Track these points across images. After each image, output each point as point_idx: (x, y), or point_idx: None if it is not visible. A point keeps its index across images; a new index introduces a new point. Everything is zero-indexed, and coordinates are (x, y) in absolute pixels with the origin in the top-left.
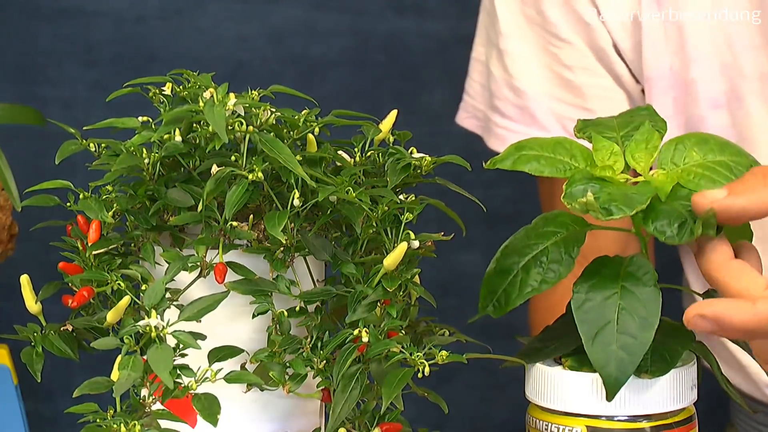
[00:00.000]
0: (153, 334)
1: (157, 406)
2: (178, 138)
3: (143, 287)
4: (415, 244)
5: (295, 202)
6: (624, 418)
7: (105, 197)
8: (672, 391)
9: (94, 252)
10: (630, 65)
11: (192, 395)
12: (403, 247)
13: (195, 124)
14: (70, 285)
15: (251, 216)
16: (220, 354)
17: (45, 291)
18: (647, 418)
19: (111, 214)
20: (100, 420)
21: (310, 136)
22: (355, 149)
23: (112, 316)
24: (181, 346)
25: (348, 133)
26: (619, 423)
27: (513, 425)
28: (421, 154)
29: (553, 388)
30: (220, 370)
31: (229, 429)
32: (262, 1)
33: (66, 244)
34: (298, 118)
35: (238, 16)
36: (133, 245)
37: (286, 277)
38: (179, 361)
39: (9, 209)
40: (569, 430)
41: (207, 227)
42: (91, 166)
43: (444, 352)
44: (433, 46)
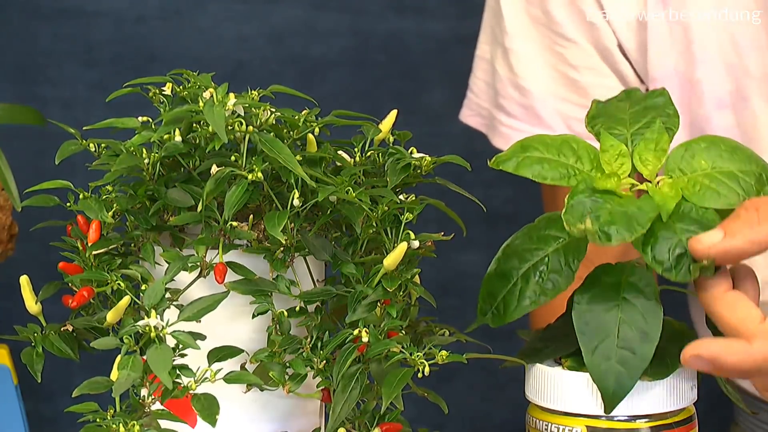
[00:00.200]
0: (153, 334)
1: (156, 406)
2: (178, 138)
3: (143, 287)
4: (415, 244)
5: (295, 202)
6: (624, 418)
7: (105, 197)
8: (672, 391)
9: (94, 252)
10: (635, 65)
11: (191, 395)
12: (403, 247)
13: (195, 124)
14: (70, 285)
15: (251, 216)
16: (219, 354)
17: (45, 291)
18: (647, 418)
19: (111, 214)
20: (100, 420)
21: (310, 136)
22: (355, 149)
23: (112, 316)
24: (180, 346)
25: (348, 133)
26: (618, 423)
27: (513, 425)
28: (421, 154)
29: (553, 388)
30: (219, 371)
31: (229, 429)
32: (262, 1)
33: (66, 244)
34: (298, 118)
35: (238, 16)
36: (133, 245)
37: (286, 277)
38: (179, 361)
39: (9, 209)
40: (569, 430)
41: (207, 227)
42: (91, 166)
43: (444, 352)
44: (433, 46)
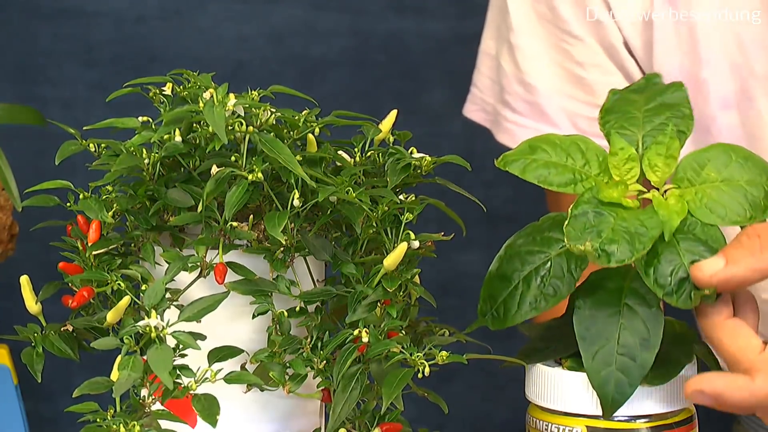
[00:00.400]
0: (153, 335)
1: (156, 407)
2: (178, 138)
3: (143, 287)
4: (415, 244)
5: (295, 203)
6: (624, 418)
7: (105, 197)
8: (672, 391)
9: (94, 252)
10: (640, 63)
11: (192, 395)
12: (403, 247)
13: (195, 125)
14: (70, 285)
15: (251, 216)
16: (220, 354)
17: (45, 291)
18: (647, 418)
19: (111, 214)
20: (100, 420)
21: (310, 136)
22: (355, 149)
23: (112, 316)
24: (181, 347)
25: (348, 133)
26: (618, 423)
27: (513, 425)
28: (421, 154)
29: (553, 388)
30: (220, 371)
31: (229, 429)
32: (262, 1)
33: (66, 244)
34: (298, 118)
35: (238, 16)
36: (133, 245)
37: (286, 277)
38: (179, 361)
39: (9, 209)
40: (569, 430)
41: (207, 227)
42: (91, 166)
43: (444, 353)
44: (433, 46)
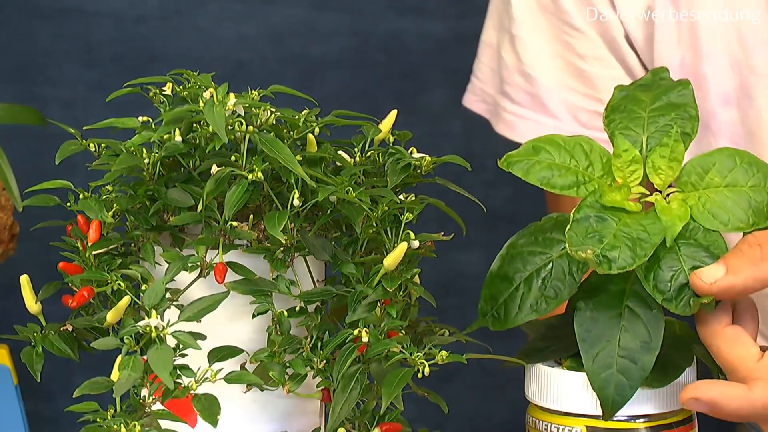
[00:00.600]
0: (153, 335)
1: (157, 407)
2: (178, 138)
3: (143, 287)
4: (415, 244)
5: (295, 202)
6: (623, 418)
7: (105, 197)
8: (671, 391)
9: (94, 252)
10: (642, 56)
11: (192, 395)
12: (403, 247)
13: (195, 124)
14: (70, 285)
15: (251, 216)
16: (220, 354)
17: (45, 291)
18: (646, 418)
19: (111, 214)
20: (100, 420)
21: (310, 136)
22: (355, 149)
23: (112, 316)
24: (181, 347)
25: (348, 133)
26: (618, 423)
27: (513, 425)
28: (421, 154)
29: (553, 388)
30: (220, 371)
31: (229, 429)
32: (262, 1)
33: (66, 244)
34: (298, 118)
35: (238, 16)
36: (133, 245)
37: (286, 277)
38: (179, 361)
39: (10, 209)
40: (569, 430)
41: (207, 227)
42: (91, 166)
43: (444, 352)
44: (433, 46)
